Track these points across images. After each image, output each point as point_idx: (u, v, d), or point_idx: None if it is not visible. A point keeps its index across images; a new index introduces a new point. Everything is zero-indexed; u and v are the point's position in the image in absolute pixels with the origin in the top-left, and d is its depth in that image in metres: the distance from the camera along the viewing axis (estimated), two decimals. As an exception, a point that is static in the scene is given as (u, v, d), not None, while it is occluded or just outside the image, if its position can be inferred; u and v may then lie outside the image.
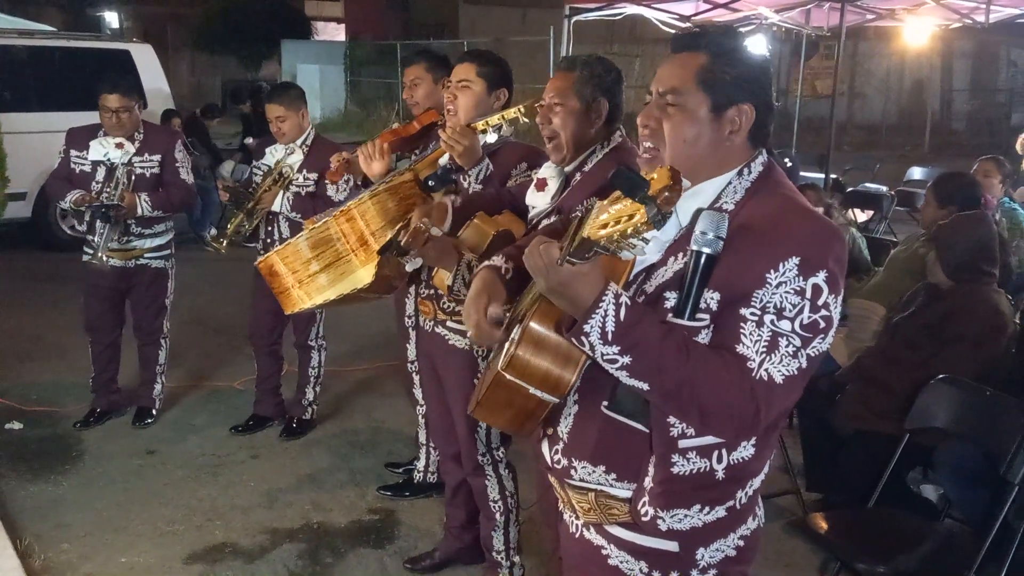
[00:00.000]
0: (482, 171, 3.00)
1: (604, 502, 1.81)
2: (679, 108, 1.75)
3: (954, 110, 23.22)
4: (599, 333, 1.54)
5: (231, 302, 6.93)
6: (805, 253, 1.61)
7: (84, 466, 4.52)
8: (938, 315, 3.84)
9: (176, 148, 4.84)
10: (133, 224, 4.71)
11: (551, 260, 1.54)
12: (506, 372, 1.69)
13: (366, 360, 6.09)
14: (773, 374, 1.59)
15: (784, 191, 1.75)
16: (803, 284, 1.60)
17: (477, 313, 1.93)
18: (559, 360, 1.68)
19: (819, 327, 1.62)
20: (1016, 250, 5.76)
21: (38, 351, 6.16)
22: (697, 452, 1.68)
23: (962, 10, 8.52)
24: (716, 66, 1.73)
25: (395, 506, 4.17)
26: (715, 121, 1.74)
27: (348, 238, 3.03)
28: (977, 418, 3.27)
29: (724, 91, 1.73)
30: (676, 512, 1.71)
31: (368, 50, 25.67)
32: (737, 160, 1.77)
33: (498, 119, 3.01)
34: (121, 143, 4.65)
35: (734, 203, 1.72)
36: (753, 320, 1.60)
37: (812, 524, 3.23)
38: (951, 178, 4.90)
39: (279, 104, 4.57)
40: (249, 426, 4.95)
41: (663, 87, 1.77)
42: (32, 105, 8.79)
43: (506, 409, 1.76)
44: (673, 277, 1.68)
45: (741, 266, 1.61)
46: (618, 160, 2.63)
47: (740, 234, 1.62)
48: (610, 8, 8.99)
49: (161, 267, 4.89)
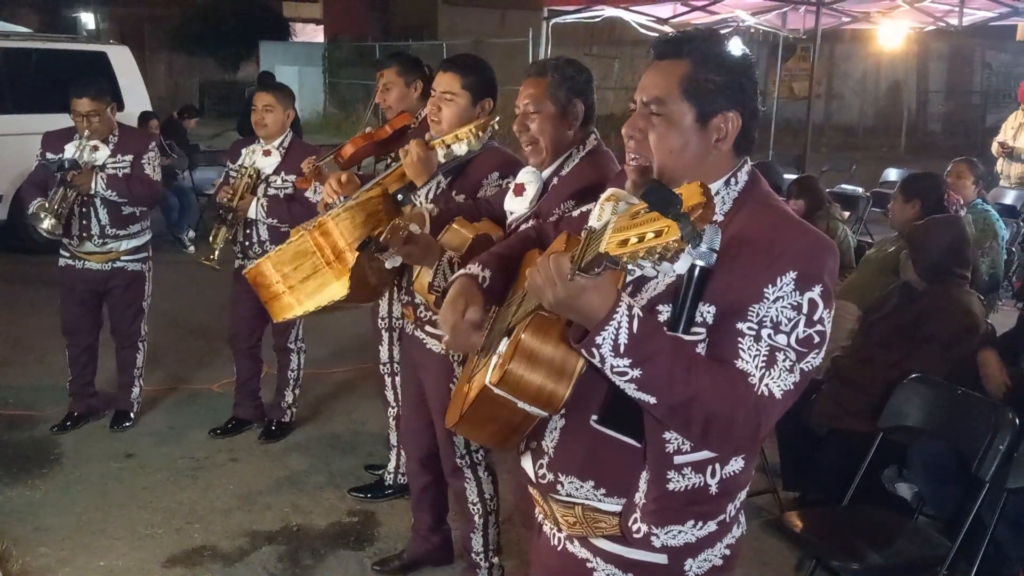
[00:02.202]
0: (431, 189, 2.98)
1: (591, 516, 1.78)
2: (664, 118, 1.72)
3: (930, 111, 23.45)
4: (611, 345, 1.52)
5: (209, 304, 6.91)
6: (802, 268, 1.60)
7: (62, 469, 4.50)
8: (911, 316, 3.90)
9: (148, 147, 4.78)
10: (108, 225, 4.68)
11: (562, 273, 1.50)
12: (496, 387, 1.64)
13: (346, 362, 6.09)
14: (773, 389, 1.59)
15: (773, 201, 1.74)
16: (799, 299, 1.59)
17: (454, 316, 1.90)
18: (553, 374, 1.63)
19: (814, 341, 1.62)
20: (988, 251, 5.84)
21: (15, 354, 6.11)
22: (692, 468, 1.67)
23: (936, 13, 8.63)
24: (700, 74, 1.70)
25: (374, 508, 4.18)
26: (701, 130, 1.71)
27: (324, 251, 3.05)
28: (948, 417, 3.32)
29: (709, 99, 1.70)
30: (671, 529, 1.70)
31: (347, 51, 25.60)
32: (723, 169, 1.74)
33: (452, 138, 3.02)
34: (97, 146, 4.63)
35: (723, 214, 1.70)
36: (751, 335, 1.59)
37: (788, 523, 3.27)
38: (917, 177, 5.04)
39: (270, 94, 4.56)
40: (228, 429, 4.94)
41: (647, 96, 1.74)
42: (8, 107, 8.72)
43: (490, 424, 1.73)
44: (666, 290, 1.66)
45: (738, 280, 1.60)
46: (594, 163, 2.65)
47: (734, 247, 1.61)
48: (588, 11, 9.03)
49: (138, 269, 4.87)
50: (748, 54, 1.84)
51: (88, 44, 10.69)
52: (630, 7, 9.02)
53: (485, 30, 20.82)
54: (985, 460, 3.03)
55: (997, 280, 6.02)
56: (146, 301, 4.96)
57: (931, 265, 3.89)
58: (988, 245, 5.85)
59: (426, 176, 2.98)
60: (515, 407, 1.66)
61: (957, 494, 3.42)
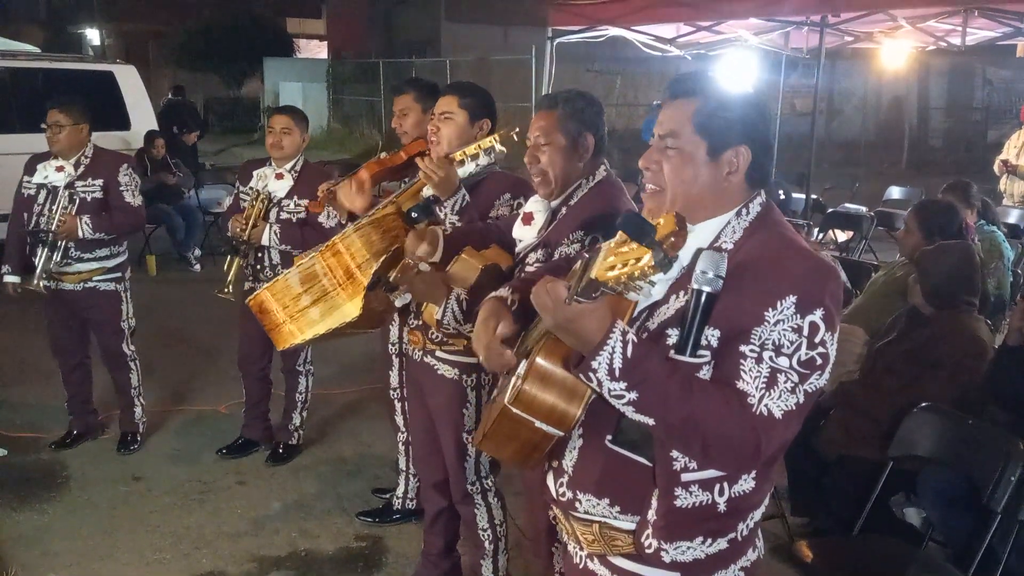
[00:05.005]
0: (458, 202, 3.01)
1: (608, 533, 1.85)
2: (678, 151, 1.82)
3: (931, 128, 23.47)
4: (607, 369, 1.59)
5: (216, 323, 6.91)
6: (802, 292, 1.67)
7: (69, 493, 4.51)
8: (919, 341, 3.89)
9: (120, 172, 4.70)
10: (72, 247, 4.63)
11: (558, 298, 1.59)
12: (513, 406, 1.73)
13: (353, 382, 6.09)
14: (772, 409, 1.64)
15: (781, 230, 1.80)
16: (800, 322, 1.66)
17: (487, 335, 1.97)
18: (565, 395, 1.72)
19: (816, 363, 1.67)
20: (994, 272, 5.83)
21: (21, 375, 6.13)
22: (699, 485, 1.73)
23: (938, 33, 8.64)
24: (711, 110, 1.80)
25: (382, 533, 4.17)
26: (712, 163, 1.81)
27: (334, 272, 3.06)
28: (959, 447, 3.31)
29: (720, 134, 1.80)
30: (679, 544, 1.76)
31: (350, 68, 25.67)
32: (736, 200, 1.83)
33: (475, 148, 3.05)
34: (62, 166, 4.61)
35: (733, 243, 1.78)
36: (752, 357, 1.65)
37: (798, 553, 3.27)
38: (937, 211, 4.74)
39: (288, 116, 4.59)
40: (236, 448, 4.95)
41: (663, 131, 1.85)
42: (14, 126, 8.75)
43: (512, 442, 1.80)
44: (675, 314, 1.73)
45: (740, 304, 1.67)
46: (602, 193, 2.67)
47: (739, 273, 1.68)
48: (592, 31, 9.06)
49: (112, 289, 4.81)
50: (758, 93, 1.94)
51: (95, 64, 10.76)
52: (634, 27, 9.05)
53: (488, 47, 20.87)
54: (997, 491, 3.03)
55: (1003, 301, 6.01)
56: (125, 322, 4.90)
57: (939, 291, 3.89)
58: (994, 266, 5.83)
59: (451, 190, 3.01)
60: (533, 426, 1.75)
61: (968, 521, 3.41)
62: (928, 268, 3.93)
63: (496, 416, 1.79)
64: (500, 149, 3.10)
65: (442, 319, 2.71)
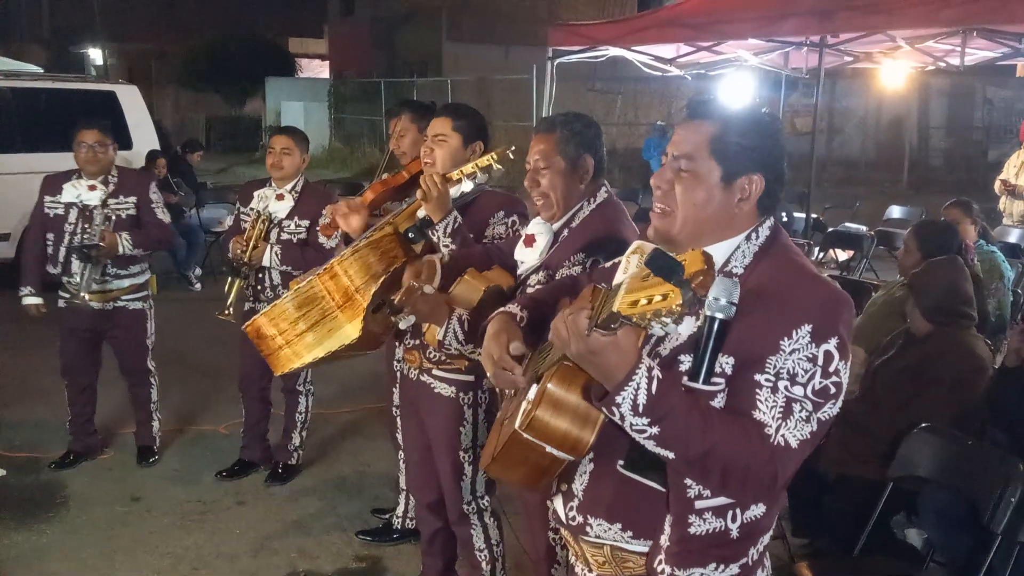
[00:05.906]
0: (449, 224, 3.00)
1: (620, 555, 1.86)
2: (691, 173, 1.81)
3: (931, 147, 23.50)
4: (631, 405, 1.58)
5: (216, 343, 6.91)
6: (817, 321, 1.67)
7: (69, 513, 4.49)
8: (916, 358, 3.89)
9: (151, 189, 4.86)
10: (109, 264, 4.70)
11: (579, 330, 1.57)
12: (524, 431, 1.73)
13: (352, 402, 6.09)
14: (789, 439, 1.64)
15: (791, 255, 1.81)
16: (815, 351, 1.66)
17: (499, 349, 1.96)
18: (578, 421, 1.71)
19: (830, 392, 1.68)
20: (994, 292, 5.83)
21: (21, 394, 6.12)
22: (713, 512, 1.74)
23: (937, 53, 8.67)
24: (728, 136, 1.79)
25: (381, 553, 4.16)
26: (725, 189, 1.80)
27: (333, 295, 3.07)
28: (959, 468, 3.30)
29: (735, 160, 1.79)
30: (693, 571, 1.77)
31: (352, 87, 25.83)
32: (745, 225, 1.83)
33: (472, 168, 3.05)
34: (94, 185, 4.66)
35: (743, 267, 1.78)
36: (768, 386, 1.65)
37: (799, 574, 3.25)
38: (936, 231, 4.75)
39: (288, 136, 4.62)
40: (235, 471, 4.94)
41: (677, 151, 1.83)
42: (17, 146, 8.79)
43: (521, 466, 1.80)
44: (688, 341, 1.72)
45: (755, 332, 1.66)
46: (604, 216, 2.68)
47: (752, 300, 1.67)
48: (592, 51, 9.11)
49: (139, 308, 4.88)
50: (777, 119, 1.93)
51: (97, 84, 10.79)
52: (634, 47, 9.10)
53: (489, 67, 20.98)
54: (997, 512, 3.01)
55: (1004, 321, 6.00)
56: (150, 339, 4.99)
57: (934, 306, 3.89)
58: (994, 286, 5.84)
59: (444, 211, 3.01)
60: (543, 451, 1.74)
61: (969, 542, 3.39)
62: (923, 287, 3.94)
63: (506, 440, 1.79)
64: (498, 167, 3.11)
65: (444, 340, 2.71)
